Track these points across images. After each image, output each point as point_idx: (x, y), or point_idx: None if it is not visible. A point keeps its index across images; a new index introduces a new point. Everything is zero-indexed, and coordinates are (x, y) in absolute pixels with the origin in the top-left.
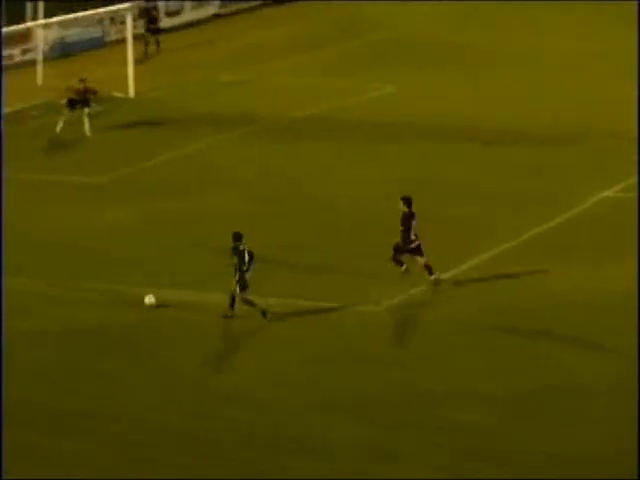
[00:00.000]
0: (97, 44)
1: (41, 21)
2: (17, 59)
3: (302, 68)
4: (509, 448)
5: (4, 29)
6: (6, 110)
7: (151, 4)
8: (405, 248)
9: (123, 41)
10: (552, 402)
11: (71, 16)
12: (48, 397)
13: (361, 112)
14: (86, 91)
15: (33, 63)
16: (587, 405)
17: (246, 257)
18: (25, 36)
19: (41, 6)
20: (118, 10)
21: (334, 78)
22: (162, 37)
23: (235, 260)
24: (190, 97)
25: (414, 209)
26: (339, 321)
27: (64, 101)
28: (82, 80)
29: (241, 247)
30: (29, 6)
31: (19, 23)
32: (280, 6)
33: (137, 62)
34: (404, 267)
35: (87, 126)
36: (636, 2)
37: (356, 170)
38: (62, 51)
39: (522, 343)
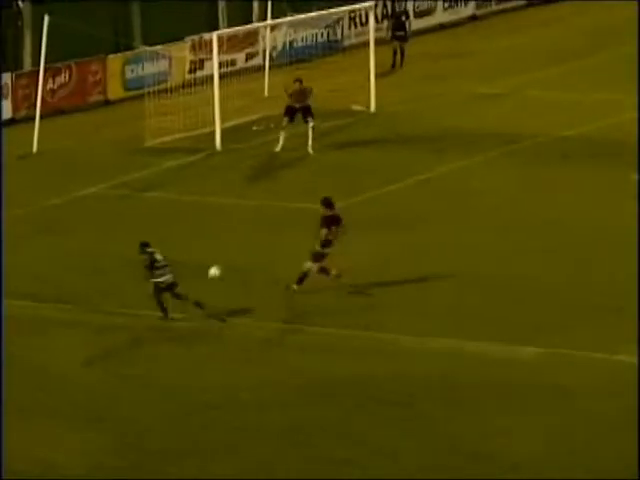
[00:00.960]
0: (333, 49)
1: (269, 22)
2: (240, 65)
3: (567, 79)
4: None
5: (228, 30)
6: (226, 124)
7: (400, 8)
8: (318, 251)
9: (363, 45)
10: None
11: (304, 16)
12: None
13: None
14: (304, 93)
15: (259, 70)
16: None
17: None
18: (251, 39)
19: (270, 4)
20: (359, 9)
21: (604, 91)
22: (410, 41)
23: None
24: (439, 112)
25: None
26: (610, 375)
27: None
28: (298, 80)
29: (148, 250)
30: (256, 4)
31: (244, 24)
32: (545, 6)
33: (380, 72)
34: (334, 273)
35: (310, 142)
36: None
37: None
38: (293, 56)
39: None
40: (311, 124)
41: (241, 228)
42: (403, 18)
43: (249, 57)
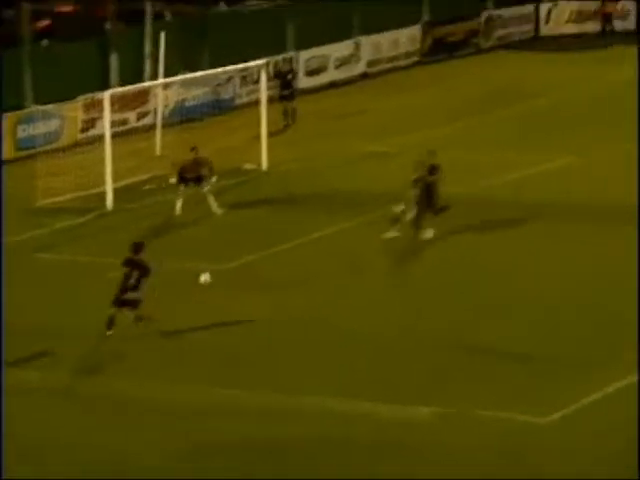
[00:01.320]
0: (225, 107)
1: (161, 80)
2: (132, 124)
3: (458, 137)
4: None
5: (120, 89)
6: (118, 184)
7: (287, 67)
8: (119, 297)
9: (255, 104)
10: None
11: (196, 74)
12: None
13: (523, 189)
14: (198, 163)
15: (150, 129)
16: None
17: None
18: (142, 98)
19: (161, 63)
20: (250, 68)
21: (497, 149)
22: (301, 99)
23: None
24: (331, 171)
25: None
26: (503, 434)
27: (174, 180)
28: (193, 148)
29: None
30: (148, 62)
31: (135, 82)
32: (437, 64)
33: (272, 131)
34: (110, 332)
35: (214, 205)
36: None
37: (528, 258)
38: (184, 115)
39: None
40: (206, 188)
41: None
42: (289, 77)
43: (141, 116)
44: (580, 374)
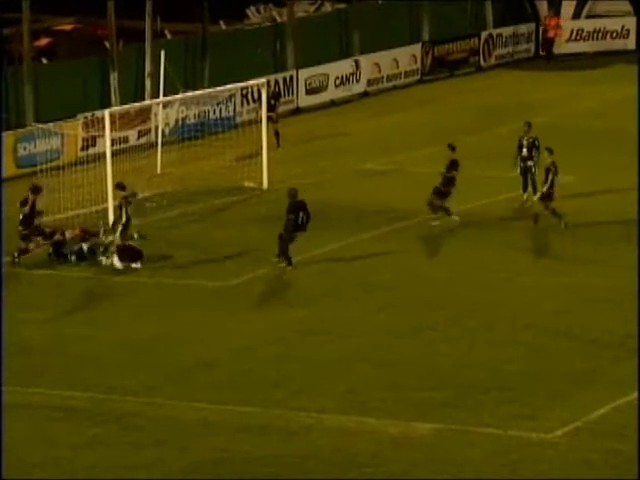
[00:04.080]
0: (226, 125)
1: (161, 99)
2: (132, 142)
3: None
4: None
5: (121, 107)
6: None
7: (271, 91)
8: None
9: (256, 122)
10: None
11: (197, 93)
12: None
13: (523, 207)
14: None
15: (151, 147)
16: None
17: None
18: (143, 116)
19: (162, 81)
20: (251, 86)
21: (492, 168)
22: (302, 117)
23: None
24: (330, 189)
25: None
26: (504, 451)
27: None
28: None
29: None
30: (148, 81)
31: (136, 101)
32: (435, 83)
33: (272, 149)
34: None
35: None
36: None
37: (525, 279)
38: (185, 133)
39: None
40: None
41: (140, 306)
42: (272, 101)
43: (141, 134)
44: (582, 390)
